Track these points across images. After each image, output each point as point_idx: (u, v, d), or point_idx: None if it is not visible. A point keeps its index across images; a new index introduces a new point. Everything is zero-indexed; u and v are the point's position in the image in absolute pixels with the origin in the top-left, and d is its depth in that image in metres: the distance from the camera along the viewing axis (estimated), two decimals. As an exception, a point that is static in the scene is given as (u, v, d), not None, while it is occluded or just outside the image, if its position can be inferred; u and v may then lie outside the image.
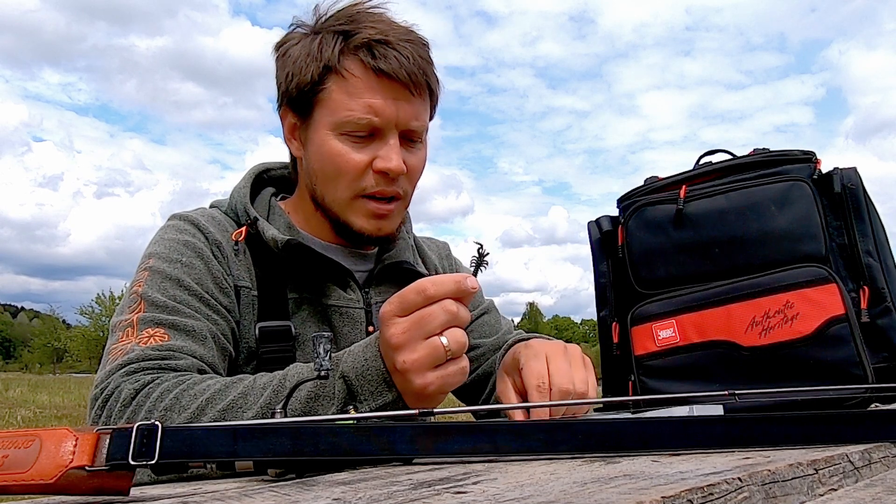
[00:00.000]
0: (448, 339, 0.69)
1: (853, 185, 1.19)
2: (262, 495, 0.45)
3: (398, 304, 0.71)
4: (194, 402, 0.76)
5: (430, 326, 0.69)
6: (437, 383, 0.71)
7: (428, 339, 0.69)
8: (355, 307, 1.02)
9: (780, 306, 1.12)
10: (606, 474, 0.47)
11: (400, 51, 0.93)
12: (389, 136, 0.94)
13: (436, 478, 0.48)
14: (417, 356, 0.69)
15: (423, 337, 0.69)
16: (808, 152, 1.25)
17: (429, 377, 0.70)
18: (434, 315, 0.69)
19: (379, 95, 0.92)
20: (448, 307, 0.69)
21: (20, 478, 0.45)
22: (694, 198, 1.24)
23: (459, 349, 0.71)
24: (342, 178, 0.95)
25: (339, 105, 0.93)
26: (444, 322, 0.69)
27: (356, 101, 0.92)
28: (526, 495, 0.39)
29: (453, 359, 0.71)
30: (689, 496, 0.38)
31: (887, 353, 1.13)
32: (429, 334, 0.69)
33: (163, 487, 0.53)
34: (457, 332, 0.70)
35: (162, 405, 0.76)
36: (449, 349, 0.69)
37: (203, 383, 0.78)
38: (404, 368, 0.70)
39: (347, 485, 0.47)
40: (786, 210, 1.18)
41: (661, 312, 1.21)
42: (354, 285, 1.03)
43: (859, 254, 1.17)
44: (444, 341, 0.69)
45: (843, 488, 0.51)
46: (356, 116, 0.92)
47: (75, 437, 0.46)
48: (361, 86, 0.92)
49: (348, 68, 0.93)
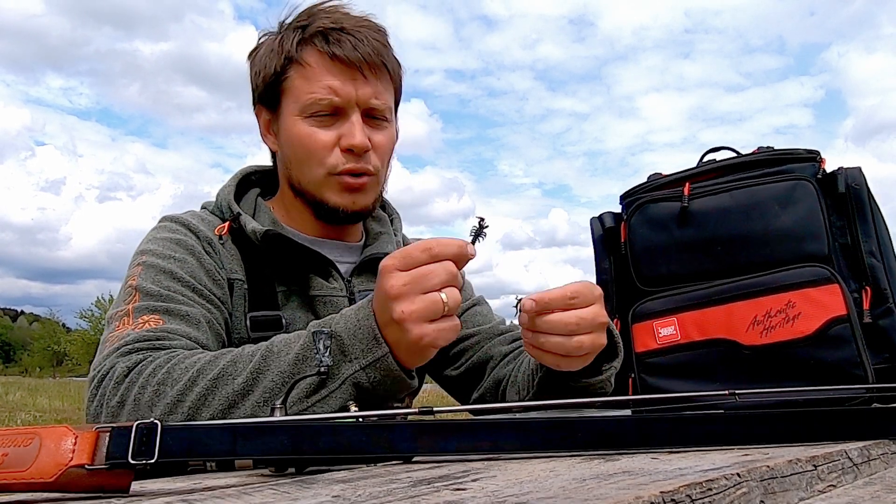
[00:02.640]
0: (447, 295, 0.72)
1: (857, 185, 1.19)
2: (261, 493, 0.45)
3: (401, 259, 0.73)
4: (186, 374, 0.78)
5: (430, 282, 0.72)
6: (431, 335, 0.72)
7: (427, 293, 0.72)
8: (339, 295, 1.04)
9: (782, 306, 1.12)
10: (605, 471, 0.47)
11: (354, 35, 1.00)
12: (352, 114, 1.00)
13: (435, 475, 0.48)
14: (416, 307, 0.71)
15: (422, 291, 0.72)
16: (813, 151, 1.24)
17: (425, 329, 0.72)
18: (436, 272, 0.72)
19: (337, 77, 0.99)
20: (449, 267, 0.72)
21: (20, 476, 0.45)
22: (697, 195, 1.24)
23: (455, 307, 0.73)
24: (312, 157, 1.01)
25: (302, 90, 1.00)
26: (444, 280, 0.72)
27: (316, 84, 0.99)
28: (525, 492, 0.39)
29: (448, 315, 0.73)
30: (687, 491, 0.38)
31: (888, 354, 1.13)
32: (428, 289, 0.72)
33: (162, 482, 0.53)
34: (454, 291, 0.73)
35: (154, 380, 0.78)
36: (447, 304, 0.72)
37: (193, 357, 0.81)
38: (402, 318, 0.72)
39: (347, 482, 0.47)
40: (789, 209, 1.18)
41: (662, 310, 1.21)
42: (337, 274, 1.05)
43: (862, 254, 1.17)
44: (443, 296, 0.72)
45: (841, 485, 0.51)
46: (317, 97, 0.99)
47: (75, 436, 0.46)
48: (320, 70, 0.99)
49: (306, 57, 1.00)
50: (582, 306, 0.79)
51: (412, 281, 0.72)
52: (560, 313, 0.78)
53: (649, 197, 1.29)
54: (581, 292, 0.79)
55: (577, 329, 0.78)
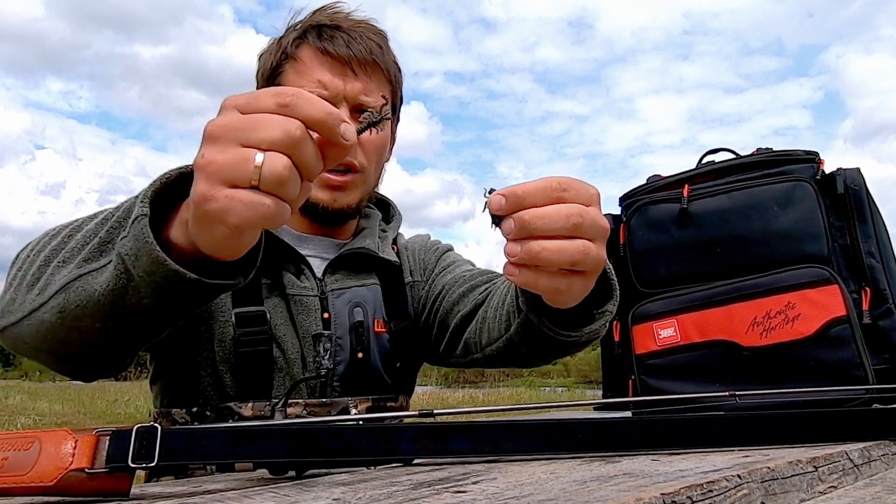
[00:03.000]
0: (267, 160, 0.50)
1: (856, 186, 1.19)
2: (261, 496, 0.45)
3: (246, 98, 0.53)
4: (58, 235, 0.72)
5: (255, 135, 0.51)
6: (220, 203, 0.51)
7: (244, 147, 0.51)
8: (309, 295, 1.00)
9: (782, 307, 1.12)
10: (606, 473, 0.47)
11: (348, 33, 1.01)
12: (340, 109, 0.97)
13: (436, 478, 0.48)
14: (220, 158, 0.51)
15: (239, 142, 0.51)
16: (812, 152, 1.25)
17: (216, 191, 0.51)
18: (270, 125, 0.51)
19: (327, 72, 0.99)
20: (291, 127, 0.51)
21: (20, 480, 0.45)
22: (697, 197, 1.25)
23: (273, 181, 0.50)
24: None
25: (293, 84, 0.99)
26: (275, 139, 0.50)
27: (306, 77, 0.99)
28: (526, 494, 0.39)
29: (259, 191, 0.51)
30: (688, 493, 0.38)
31: (888, 355, 1.13)
32: (249, 142, 0.51)
33: (162, 486, 0.53)
34: (281, 160, 0.50)
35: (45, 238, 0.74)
36: (259, 172, 0.50)
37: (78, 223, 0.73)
38: (199, 165, 0.52)
39: (347, 485, 0.47)
40: (788, 210, 1.18)
41: (662, 311, 1.21)
42: (309, 273, 1.02)
43: (861, 255, 1.17)
44: (258, 158, 0.50)
45: (842, 486, 0.51)
46: (306, 90, 0.94)
47: (74, 439, 0.46)
48: (311, 65, 1.00)
49: (300, 52, 1.01)
50: (577, 202, 0.57)
51: (236, 126, 0.52)
52: (555, 206, 0.56)
53: (648, 198, 1.29)
54: (572, 185, 0.57)
55: (580, 228, 0.56)
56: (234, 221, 0.51)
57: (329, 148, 0.53)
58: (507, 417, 0.87)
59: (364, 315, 1.01)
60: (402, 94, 1.13)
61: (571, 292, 0.62)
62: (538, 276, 0.58)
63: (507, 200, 0.55)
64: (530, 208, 0.55)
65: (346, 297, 1.01)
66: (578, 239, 0.56)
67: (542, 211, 0.55)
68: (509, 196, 0.55)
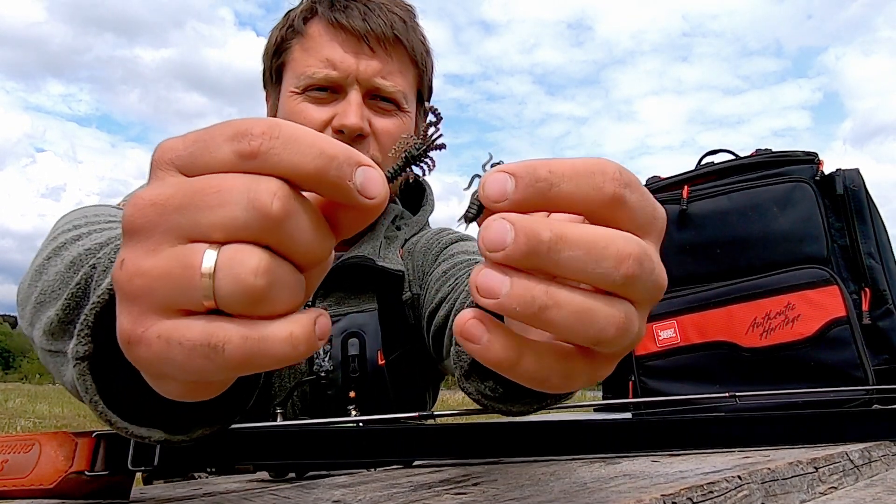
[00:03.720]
0: (223, 261, 0.27)
1: (855, 187, 1.19)
2: (262, 498, 0.45)
3: (189, 145, 0.29)
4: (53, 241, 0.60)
5: (202, 215, 0.27)
6: (153, 348, 0.28)
7: (183, 245, 0.27)
8: None
9: (782, 307, 1.12)
10: (606, 474, 0.47)
11: (367, 5, 0.87)
12: (351, 92, 0.85)
13: (436, 479, 0.48)
14: (148, 266, 0.28)
15: (178, 233, 0.28)
16: (811, 153, 1.25)
17: (146, 326, 0.28)
18: (224, 195, 0.27)
19: (338, 48, 0.85)
20: (263, 197, 0.27)
21: (20, 483, 0.45)
22: (696, 198, 1.25)
23: (240, 297, 0.27)
24: None
25: (299, 63, 0.88)
26: (233, 222, 0.27)
27: (314, 55, 0.86)
28: (526, 495, 0.39)
29: (220, 316, 0.27)
30: (688, 494, 0.38)
31: (888, 355, 1.13)
32: (193, 231, 0.27)
33: (162, 488, 0.53)
34: (250, 258, 0.27)
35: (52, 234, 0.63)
36: (212, 284, 0.27)
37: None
38: (117, 279, 0.29)
39: (347, 487, 0.47)
40: (788, 211, 1.18)
41: (661, 313, 1.21)
42: None
43: (861, 255, 1.17)
44: (207, 260, 0.27)
45: (843, 487, 0.51)
46: (312, 70, 0.85)
47: (74, 442, 0.46)
48: (321, 41, 0.86)
49: (310, 28, 0.88)
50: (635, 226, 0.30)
51: (171, 203, 0.28)
52: (603, 231, 0.29)
53: (648, 200, 1.29)
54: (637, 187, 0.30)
55: (632, 284, 0.29)
56: (178, 375, 0.29)
57: (342, 211, 0.30)
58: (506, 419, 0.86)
59: (361, 347, 0.85)
60: (432, 80, 0.97)
61: (569, 381, 0.31)
62: (522, 353, 0.30)
63: (519, 183, 0.28)
64: (556, 213, 0.30)
65: (340, 325, 0.86)
66: (621, 300, 0.29)
67: (579, 234, 0.28)
68: (523, 176, 0.28)
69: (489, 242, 0.28)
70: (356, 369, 0.83)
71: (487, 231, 0.28)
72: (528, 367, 0.30)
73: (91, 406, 0.40)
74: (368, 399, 0.85)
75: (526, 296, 0.28)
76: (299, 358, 0.28)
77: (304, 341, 0.28)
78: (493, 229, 0.28)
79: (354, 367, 0.83)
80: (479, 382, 0.48)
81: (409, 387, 0.90)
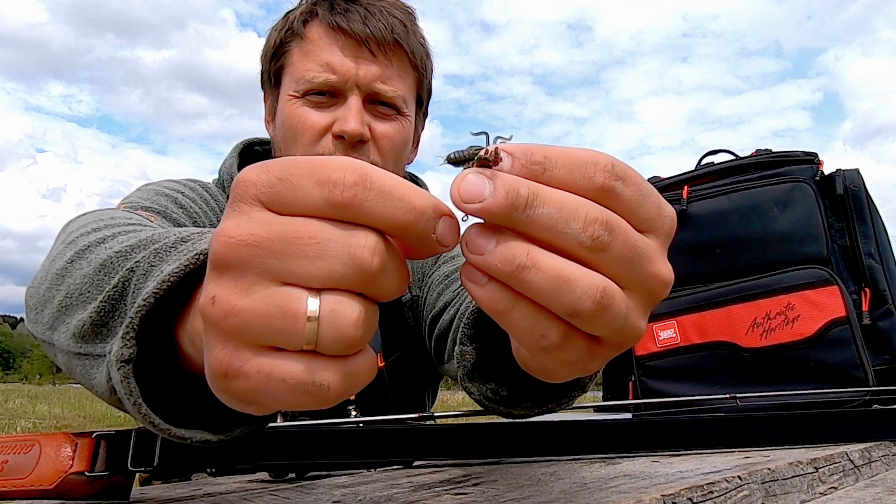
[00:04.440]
0: (327, 310, 0.28)
1: (855, 187, 1.19)
2: (262, 498, 0.45)
3: (275, 184, 0.29)
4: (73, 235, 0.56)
5: (302, 265, 0.28)
6: (252, 381, 0.29)
7: (279, 288, 0.28)
8: None
9: (782, 308, 1.12)
10: (607, 474, 0.47)
11: (367, 8, 0.86)
12: (350, 97, 0.85)
13: (436, 480, 0.48)
14: (246, 306, 0.28)
15: (275, 275, 0.28)
16: (811, 153, 1.25)
17: (244, 360, 0.29)
18: (323, 248, 0.28)
19: (338, 52, 0.84)
20: (364, 253, 0.28)
21: (20, 483, 0.45)
22: (696, 198, 1.25)
23: (340, 344, 0.28)
24: (298, 142, 0.86)
25: (298, 67, 0.87)
26: (335, 274, 0.28)
27: (313, 59, 0.85)
28: (526, 496, 0.39)
29: (315, 355, 0.29)
30: (689, 494, 0.38)
31: (888, 356, 1.13)
32: (291, 276, 0.28)
33: (162, 488, 0.53)
34: (351, 310, 0.28)
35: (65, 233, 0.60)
36: (316, 331, 0.28)
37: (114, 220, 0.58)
38: (209, 315, 0.29)
39: (347, 488, 0.47)
40: (787, 211, 1.18)
41: (661, 313, 1.21)
42: None
43: (861, 255, 1.17)
44: (311, 305, 0.28)
45: (843, 487, 0.51)
46: (311, 74, 0.85)
47: (74, 443, 0.46)
48: (321, 44, 0.85)
49: (310, 30, 0.87)
50: (628, 213, 0.31)
51: (266, 245, 0.28)
52: (583, 201, 0.30)
53: (648, 200, 1.29)
54: (634, 179, 0.32)
55: (603, 251, 0.30)
56: (274, 406, 0.31)
57: (414, 250, 0.31)
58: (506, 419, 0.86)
59: None
60: (432, 83, 0.97)
61: (564, 353, 0.32)
62: (516, 304, 0.30)
63: (515, 163, 0.30)
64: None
65: None
66: (600, 275, 0.30)
67: (555, 195, 0.29)
68: (518, 155, 0.30)
69: (466, 193, 0.29)
70: None
71: (465, 182, 0.29)
72: (519, 319, 0.31)
73: (134, 409, 0.40)
74: (368, 401, 0.85)
75: (507, 254, 0.29)
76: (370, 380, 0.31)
77: (374, 369, 0.31)
78: (471, 181, 0.29)
79: None
80: (481, 384, 0.49)
81: (408, 388, 0.91)
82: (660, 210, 0.32)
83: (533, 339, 0.32)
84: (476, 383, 0.49)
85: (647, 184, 0.32)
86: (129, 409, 0.42)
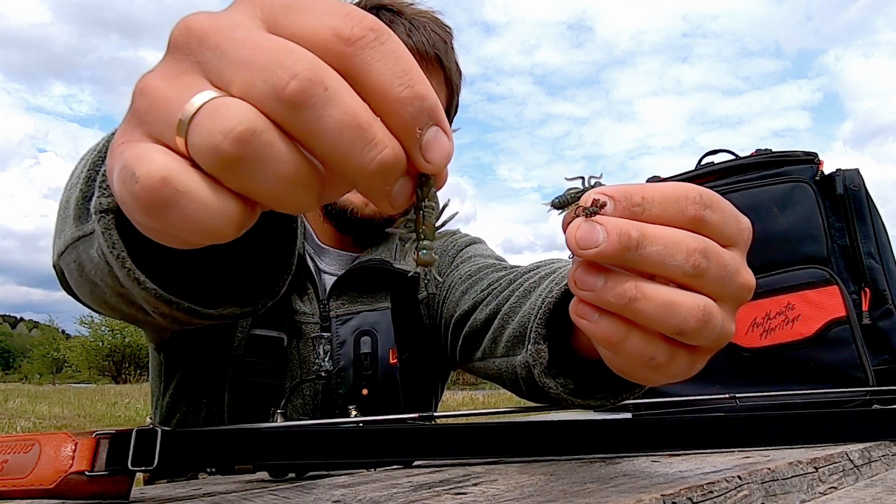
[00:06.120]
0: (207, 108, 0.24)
1: (855, 187, 1.19)
2: (261, 498, 0.45)
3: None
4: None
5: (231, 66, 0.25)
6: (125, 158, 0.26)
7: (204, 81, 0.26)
8: (310, 322, 0.86)
9: (782, 308, 1.12)
10: (606, 474, 0.47)
11: (412, 21, 0.87)
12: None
13: (436, 480, 0.48)
14: (155, 84, 0.27)
15: (204, 72, 0.26)
16: (811, 153, 1.25)
17: (131, 137, 0.27)
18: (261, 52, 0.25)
19: None
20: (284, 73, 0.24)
21: (20, 483, 0.45)
22: (695, 199, 1.25)
23: (202, 142, 0.24)
24: None
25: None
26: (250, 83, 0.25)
27: None
28: (526, 496, 0.39)
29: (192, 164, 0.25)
30: (688, 494, 0.38)
31: (888, 356, 1.13)
32: (222, 75, 0.25)
33: (162, 488, 0.53)
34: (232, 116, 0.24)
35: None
36: (189, 118, 0.25)
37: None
38: (133, 90, 0.27)
39: (347, 487, 0.47)
40: (787, 211, 1.18)
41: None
42: (313, 294, 0.87)
43: (861, 255, 1.17)
44: (198, 98, 0.25)
45: (843, 487, 0.51)
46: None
47: (74, 442, 0.46)
48: None
49: None
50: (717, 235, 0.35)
51: (208, 38, 0.26)
52: (681, 232, 0.33)
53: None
54: (719, 205, 0.35)
55: (702, 276, 0.33)
56: (125, 197, 0.26)
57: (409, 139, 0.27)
58: (506, 419, 0.86)
59: (373, 345, 0.87)
60: (458, 102, 0.98)
61: (669, 369, 0.36)
62: (628, 335, 0.34)
63: (617, 206, 0.32)
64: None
65: (352, 323, 0.87)
66: (700, 295, 0.34)
67: (660, 233, 0.32)
68: (619, 199, 0.32)
69: (582, 241, 0.32)
70: (368, 367, 0.84)
71: (580, 231, 0.32)
72: (632, 347, 0.34)
73: (118, 264, 0.41)
74: (380, 397, 0.86)
75: (618, 289, 0.33)
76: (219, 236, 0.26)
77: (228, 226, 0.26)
78: (585, 230, 0.32)
79: (367, 364, 0.84)
80: (561, 379, 0.56)
81: (419, 386, 0.92)
82: (739, 224, 0.36)
83: (643, 362, 0.35)
84: (555, 378, 0.56)
85: (727, 203, 0.36)
86: (118, 273, 0.43)
